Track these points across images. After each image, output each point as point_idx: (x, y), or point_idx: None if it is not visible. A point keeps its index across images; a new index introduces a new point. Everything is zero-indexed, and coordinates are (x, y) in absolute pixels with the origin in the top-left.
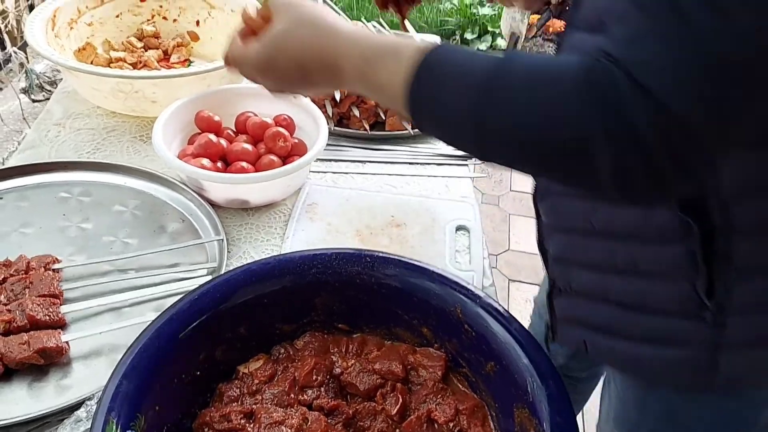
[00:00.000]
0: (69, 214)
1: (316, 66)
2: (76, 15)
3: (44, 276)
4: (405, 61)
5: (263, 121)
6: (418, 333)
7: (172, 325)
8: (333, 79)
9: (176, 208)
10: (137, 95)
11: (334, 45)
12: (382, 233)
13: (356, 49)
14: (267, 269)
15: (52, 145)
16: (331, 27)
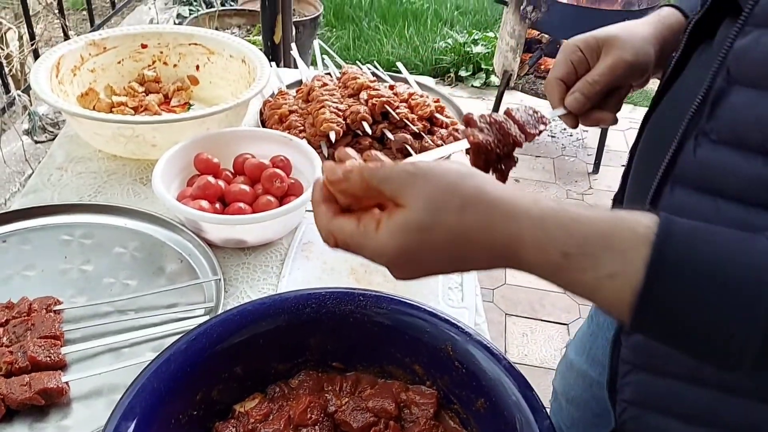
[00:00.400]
0: (70, 256)
1: (484, 255)
2: (80, 62)
3: (46, 318)
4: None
5: (260, 162)
6: (410, 370)
7: (169, 365)
8: (501, 266)
9: (175, 249)
10: (138, 139)
11: (516, 232)
12: (376, 271)
13: (550, 240)
14: (262, 309)
15: (54, 188)
16: (502, 206)
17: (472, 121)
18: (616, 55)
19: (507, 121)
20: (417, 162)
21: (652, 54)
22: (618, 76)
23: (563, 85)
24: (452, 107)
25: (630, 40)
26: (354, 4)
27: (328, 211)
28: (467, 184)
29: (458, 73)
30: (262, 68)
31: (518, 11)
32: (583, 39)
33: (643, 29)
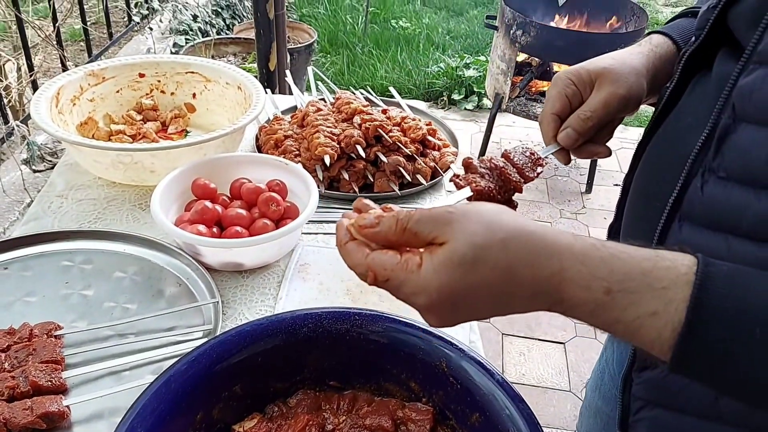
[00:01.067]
0: (71, 281)
1: (527, 292)
2: (79, 92)
3: (47, 343)
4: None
5: (257, 186)
6: (406, 387)
7: (169, 385)
8: (543, 307)
9: (173, 273)
10: (137, 166)
11: (560, 269)
12: (372, 291)
13: (593, 275)
14: (260, 330)
15: (55, 216)
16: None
17: (471, 165)
18: (609, 91)
19: (506, 165)
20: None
21: (644, 86)
22: (611, 110)
23: (558, 119)
24: (444, 130)
25: (623, 74)
26: (348, 30)
27: (363, 247)
28: (507, 220)
29: (451, 97)
30: (258, 95)
31: (508, 35)
32: (575, 72)
33: (635, 60)
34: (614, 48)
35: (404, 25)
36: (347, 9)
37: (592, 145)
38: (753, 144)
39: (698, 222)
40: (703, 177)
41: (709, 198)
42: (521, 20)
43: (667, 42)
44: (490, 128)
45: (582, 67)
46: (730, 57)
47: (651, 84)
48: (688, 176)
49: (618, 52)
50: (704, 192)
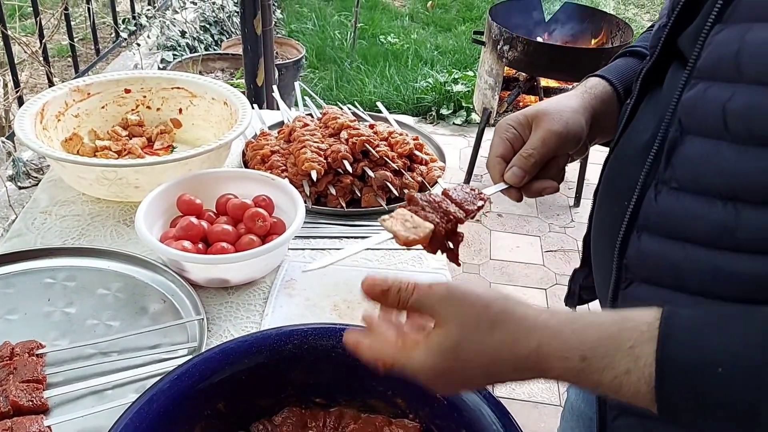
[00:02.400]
0: (53, 299)
1: (510, 369)
2: (64, 108)
3: (28, 362)
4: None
5: (243, 202)
6: (392, 404)
7: (151, 404)
8: (530, 378)
9: (158, 290)
10: (121, 182)
11: (537, 346)
12: (359, 306)
13: (567, 346)
14: (244, 347)
15: (38, 232)
16: (525, 322)
17: (413, 199)
18: (545, 128)
19: (445, 200)
20: (450, 285)
21: (583, 123)
22: (550, 147)
23: (503, 162)
24: (431, 144)
25: (558, 113)
26: (336, 46)
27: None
28: (496, 306)
29: (439, 112)
30: (244, 110)
31: (495, 51)
32: (514, 117)
33: (571, 101)
34: (600, 63)
35: (392, 41)
36: (335, 25)
37: (539, 182)
38: (700, 155)
39: (655, 232)
40: (656, 188)
41: (663, 208)
42: (508, 36)
43: (601, 83)
44: (478, 143)
45: (520, 112)
46: (678, 71)
47: (591, 121)
48: (643, 188)
49: (555, 97)
50: (658, 202)
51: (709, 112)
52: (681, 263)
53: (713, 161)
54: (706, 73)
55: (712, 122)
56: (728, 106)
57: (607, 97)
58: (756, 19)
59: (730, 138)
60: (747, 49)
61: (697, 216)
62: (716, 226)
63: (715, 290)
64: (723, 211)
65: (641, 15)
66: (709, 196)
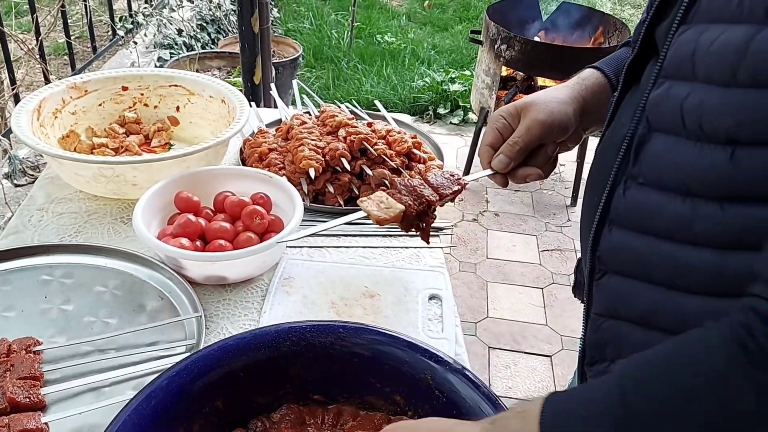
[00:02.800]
0: (50, 296)
1: None
2: (61, 105)
3: (25, 358)
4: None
5: (241, 199)
6: (391, 401)
7: (150, 401)
8: None
9: (155, 287)
10: (118, 179)
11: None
12: (357, 304)
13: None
14: (242, 344)
15: (35, 229)
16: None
17: (394, 183)
18: (530, 117)
19: (422, 184)
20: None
21: (570, 113)
22: (534, 135)
23: (491, 150)
24: (429, 143)
25: (544, 103)
26: (333, 44)
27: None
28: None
29: (436, 111)
30: (242, 108)
31: (493, 50)
32: (505, 108)
33: (560, 93)
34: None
35: (389, 40)
36: (332, 24)
37: (524, 168)
38: (663, 151)
39: (624, 225)
40: (625, 184)
41: (631, 203)
42: (505, 35)
43: (595, 74)
44: (475, 142)
45: (512, 104)
46: (653, 68)
47: (580, 111)
48: (614, 183)
49: (546, 89)
50: (626, 197)
51: (670, 110)
52: (647, 256)
53: (673, 157)
54: (670, 72)
55: (673, 120)
56: (685, 104)
57: (599, 87)
58: (711, 21)
59: (686, 135)
60: (700, 49)
61: (660, 210)
62: (676, 220)
63: (678, 281)
64: (681, 206)
65: (637, 15)
66: (669, 191)
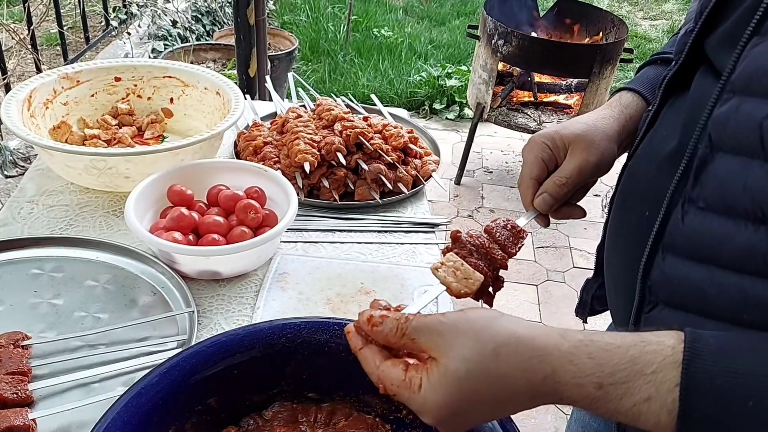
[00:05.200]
0: (40, 290)
1: (523, 399)
2: (52, 95)
3: (13, 353)
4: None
5: (234, 193)
6: (386, 399)
7: (140, 398)
8: (545, 403)
9: (147, 281)
10: (111, 171)
11: (551, 371)
12: (352, 300)
13: (583, 373)
14: (236, 341)
15: (25, 222)
16: (534, 344)
17: (460, 240)
18: (582, 158)
19: (490, 242)
20: (448, 313)
21: (615, 150)
22: (585, 177)
23: (536, 184)
24: (426, 138)
25: (595, 141)
26: (329, 38)
27: (375, 355)
28: (497, 327)
29: (432, 106)
30: (237, 100)
31: (490, 45)
32: (549, 137)
33: (607, 125)
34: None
35: (386, 34)
36: (329, 17)
37: (567, 207)
38: (730, 174)
39: (681, 253)
40: (683, 208)
41: (689, 229)
42: (503, 30)
43: (636, 100)
44: (471, 138)
45: (556, 132)
46: (707, 80)
47: (622, 145)
48: (669, 206)
49: (589, 116)
50: (685, 223)
51: (743, 129)
52: (707, 287)
53: (744, 180)
54: (741, 88)
55: (746, 139)
56: (766, 123)
57: (639, 116)
58: None
59: (764, 157)
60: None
61: (724, 238)
62: (745, 250)
63: (742, 317)
64: (753, 234)
65: (635, 12)
66: (738, 217)
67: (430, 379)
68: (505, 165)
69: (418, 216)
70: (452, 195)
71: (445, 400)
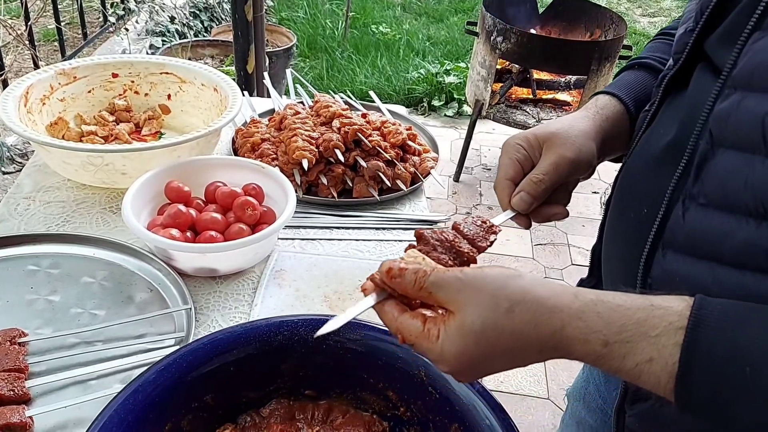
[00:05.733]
0: (37, 286)
1: (532, 353)
2: (49, 91)
3: (9, 350)
4: (665, 350)
5: (232, 190)
6: (384, 396)
7: (137, 396)
8: (554, 357)
9: (144, 278)
10: (108, 168)
11: (560, 327)
12: (350, 297)
13: (590, 330)
14: (234, 337)
15: (21, 218)
16: (547, 303)
17: (423, 237)
18: (558, 153)
19: (457, 237)
20: (465, 269)
21: (594, 148)
22: (562, 173)
23: (512, 185)
24: (425, 135)
25: (570, 137)
26: (327, 35)
27: (393, 308)
28: (513, 286)
29: (431, 103)
30: (234, 97)
31: (488, 42)
32: (523, 137)
33: (583, 124)
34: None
35: (384, 31)
36: (327, 13)
37: (548, 207)
38: (731, 170)
39: (681, 250)
40: (683, 204)
41: (690, 225)
42: (502, 27)
43: (612, 102)
44: (470, 135)
45: (531, 132)
46: (707, 77)
47: (601, 146)
48: (670, 203)
49: (564, 118)
50: (686, 219)
51: (744, 125)
52: (708, 284)
53: (745, 177)
54: (743, 83)
55: (748, 135)
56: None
57: (618, 117)
58: None
59: (766, 152)
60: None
61: (725, 235)
62: (746, 246)
63: None
64: (755, 231)
65: (633, 9)
66: (739, 213)
67: (447, 332)
68: None
69: (416, 213)
70: (451, 192)
71: (460, 350)
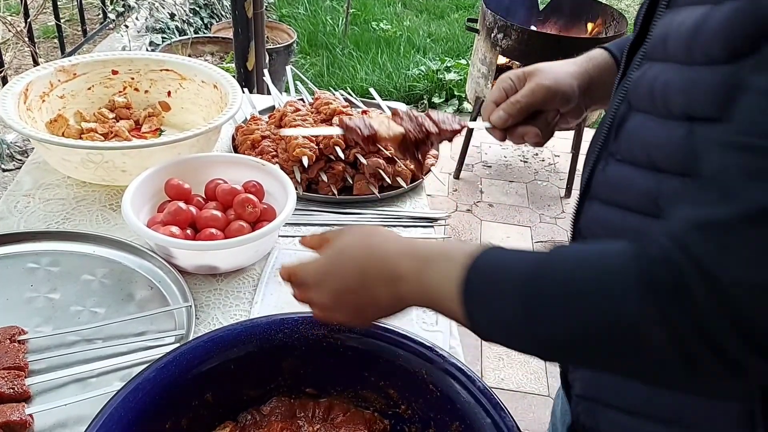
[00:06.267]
0: (36, 284)
1: (374, 272)
2: (49, 88)
3: (9, 348)
4: (456, 263)
5: (232, 187)
6: (384, 395)
7: (137, 394)
8: (390, 284)
9: (145, 276)
10: (107, 165)
11: (394, 251)
12: None
13: (410, 254)
14: (234, 335)
15: (21, 216)
16: (386, 238)
17: (398, 113)
18: (535, 81)
19: (425, 118)
20: None
21: (574, 85)
22: (537, 98)
23: (494, 106)
24: None
25: (551, 71)
26: (327, 31)
27: None
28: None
29: (431, 100)
30: (234, 94)
31: (489, 39)
32: (513, 71)
33: (568, 66)
34: None
35: (385, 28)
36: (327, 10)
37: (522, 127)
38: (636, 128)
39: (602, 200)
40: (606, 161)
41: (609, 178)
42: (502, 24)
43: (603, 54)
44: (470, 132)
45: (521, 69)
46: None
47: (585, 86)
48: (597, 160)
49: (553, 62)
50: (606, 173)
51: (643, 90)
52: (621, 230)
53: (643, 134)
54: (649, 54)
55: (644, 98)
56: (655, 83)
57: (606, 66)
58: (687, 4)
59: (655, 113)
60: (672, 31)
61: (631, 184)
62: (644, 194)
63: None
64: (650, 180)
65: (635, 6)
66: (640, 166)
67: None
68: (503, 159)
69: (416, 210)
70: (451, 189)
71: (323, 262)
